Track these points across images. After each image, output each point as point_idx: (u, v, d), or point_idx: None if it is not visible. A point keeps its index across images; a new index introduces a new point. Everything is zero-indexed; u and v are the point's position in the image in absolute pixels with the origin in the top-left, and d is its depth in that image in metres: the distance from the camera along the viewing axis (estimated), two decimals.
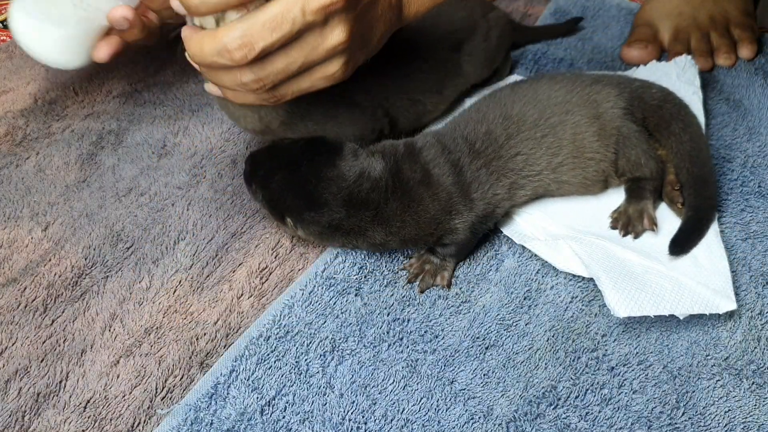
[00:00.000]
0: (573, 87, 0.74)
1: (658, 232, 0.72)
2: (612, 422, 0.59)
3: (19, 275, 0.71)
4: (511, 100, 0.73)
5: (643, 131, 0.74)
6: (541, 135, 0.70)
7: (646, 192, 0.73)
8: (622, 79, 0.78)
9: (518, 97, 0.73)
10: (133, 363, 0.64)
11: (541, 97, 0.73)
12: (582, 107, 0.72)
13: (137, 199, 0.80)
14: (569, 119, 0.71)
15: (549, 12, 1.11)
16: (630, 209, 0.73)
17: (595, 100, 0.73)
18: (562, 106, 0.72)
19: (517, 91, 0.75)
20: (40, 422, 0.59)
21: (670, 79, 0.87)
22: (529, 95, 0.73)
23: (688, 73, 0.87)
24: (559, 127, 0.71)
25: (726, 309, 0.64)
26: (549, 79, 0.75)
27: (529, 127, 0.71)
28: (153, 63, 1.01)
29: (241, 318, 0.68)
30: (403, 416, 0.59)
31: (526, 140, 0.70)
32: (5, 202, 0.79)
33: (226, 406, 0.60)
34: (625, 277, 0.66)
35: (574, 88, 0.73)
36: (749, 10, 1.04)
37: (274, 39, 0.56)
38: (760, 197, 0.78)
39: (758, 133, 0.87)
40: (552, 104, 0.72)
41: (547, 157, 0.70)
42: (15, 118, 0.91)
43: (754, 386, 0.62)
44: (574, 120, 0.71)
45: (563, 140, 0.71)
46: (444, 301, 0.68)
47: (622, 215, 0.73)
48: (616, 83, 0.75)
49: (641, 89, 0.76)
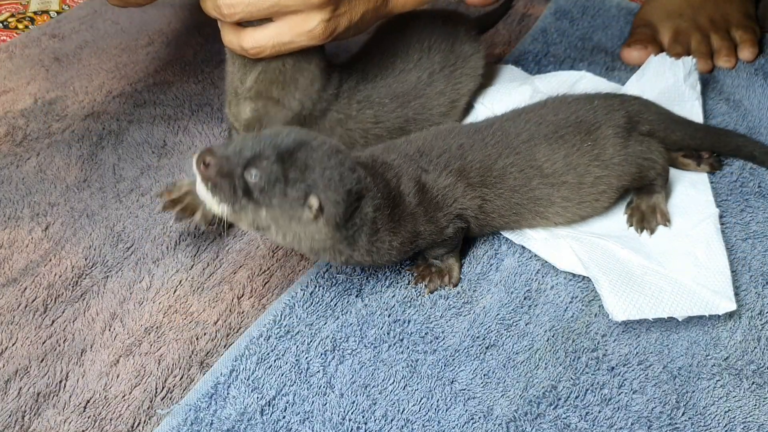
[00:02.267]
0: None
1: (671, 226, 0.72)
2: (612, 422, 0.59)
3: (20, 275, 0.71)
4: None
5: (646, 141, 0.74)
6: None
7: (656, 186, 0.74)
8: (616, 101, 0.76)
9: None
10: (133, 363, 0.64)
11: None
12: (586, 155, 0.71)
13: (138, 199, 0.80)
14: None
15: (549, 12, 1.11)
16: (642, 205, 0.74)
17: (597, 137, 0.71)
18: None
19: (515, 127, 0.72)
20: (40, 422, 0.59)
21: (677, 79, 0.86)
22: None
23: (692, 78, 0.88)
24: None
25: (725, 310, 0.64)
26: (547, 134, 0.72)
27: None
28: (153, 63, 1.01)
29: (242, 318, 0.68)
30: (404, 416, 0.59)
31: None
32: (5, 202, 0.79)
33: (226, 406, 0.60)
34: (624, 278, 0.66)
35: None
36: (750, 12, 1.04)
37: (258, 8, 0.62)
38: (760, 197, 0.78)
39: (758, 133, 0.87)
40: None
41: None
42: (15, 118, 0.91)
43: (754, 386, 0.62)
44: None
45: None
46: (445, 302, 0.68)
47: (635, 211, 0.74)
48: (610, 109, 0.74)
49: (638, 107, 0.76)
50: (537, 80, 0.91)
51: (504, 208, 0.69)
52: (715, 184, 0.79)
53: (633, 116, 0.74)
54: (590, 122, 0.71)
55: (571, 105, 0.73)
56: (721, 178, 0.80)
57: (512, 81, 0.92)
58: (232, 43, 0.69)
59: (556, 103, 0.74)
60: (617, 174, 0.71)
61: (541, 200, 0.70)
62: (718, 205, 0.76)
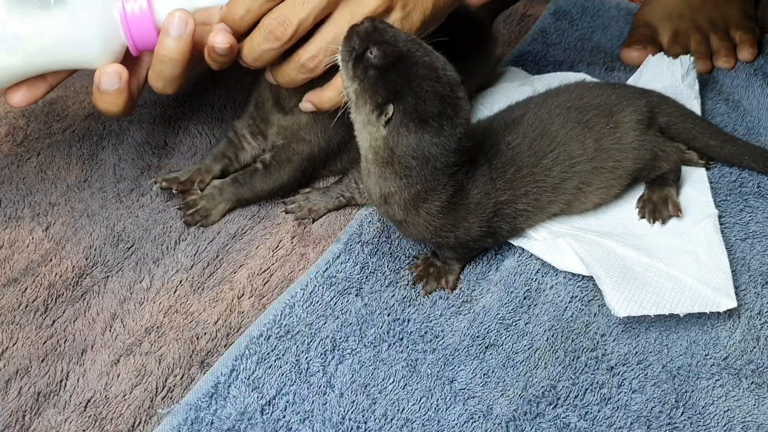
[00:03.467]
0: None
1: (683, 217, 0.73)
2: (611, 422, 0.59)
3: (20, 275, 0.71)
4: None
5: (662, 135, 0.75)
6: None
7: (668, 180, 0.74)
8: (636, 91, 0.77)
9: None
10: (133, 362, 0.64)
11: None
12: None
13: (138, 199, 0.80)
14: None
15: (549, 12, 1.11)
16: (654, 196, 0.74)
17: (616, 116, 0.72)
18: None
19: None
20: (40, 422, 0.59)
21: (675, 78, 0.87)
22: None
23: (690, 77, 0.88)
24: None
25: (726, 307, 0.64)
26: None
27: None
28: None
29: (242, 318, 0.68)
30: (403, 415, 0.60)
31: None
32: (6, 202, 0.79)
33: (226, 405, 0.60)
34: (625, 275, 0.66)
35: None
36: (749, 12, 1.04)
37: (307, 11, 0.62)
38: (759, 197, 0.78)
39: (757, 133, 0.87)
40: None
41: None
42: (16, 118, 0.91)
43: (753, 386, 0.62)
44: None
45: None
46: (444, 301, 0.68)
47: (647, 203, 0.74)
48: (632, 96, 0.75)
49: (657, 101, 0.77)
50: (536, 81, 0.91)
51: (538, 204, 0.69)
52: (715, 184, 0.79)
53: (654, 106, 0.75)
54: (613, 104, 0.72)
55: (593, 89, 0.74)
56: (721, 178, 0.80)
57: (512, 81, 0.92)
58: (323, 103, 0.69)
59: (579, 88, 0.75)
60: (633, 158, 0.71)
61: (570, 189, 0.70)
62: (718, 205, 0.76)
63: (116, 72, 0.65)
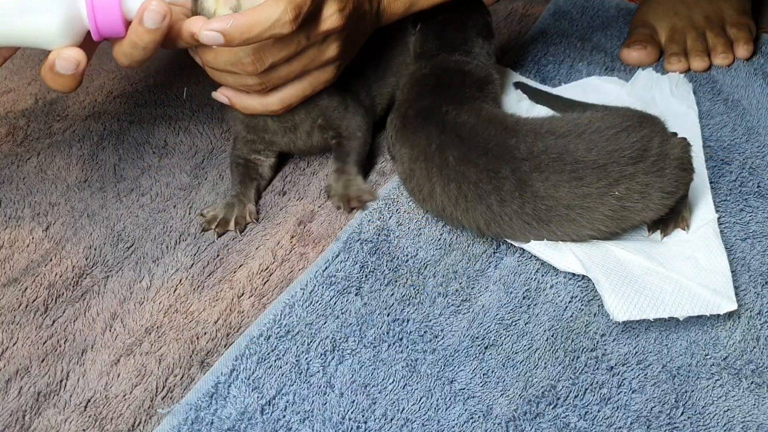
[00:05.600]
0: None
1: (688, 230, 0.72)
2: (611, 422, 0.59)
3: (20, 275, 0.71)
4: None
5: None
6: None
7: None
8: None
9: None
10: (133, 362, 0.64)
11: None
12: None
13: (138, 199, 0.80)
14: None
15: (548, 13, 1.11)
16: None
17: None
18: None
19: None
20: (40, 422, 0.59)
21: (663, 94, 0.90)
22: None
23: (681, 89, 0.89)
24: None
25: (726, 309, 0.64)
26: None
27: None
28: (153, 63, 1.01)
29: (242, 317, 0.68)
30: (403, 415, 0.60)
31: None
32: (6, 202, 0.79)
33: (226, 405, 0.60)
34: (625, 279, 0.66)
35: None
36: (746, 9, 1.04)
37: (282, 55, 0.68)
38: (759, 197, 0.78)
39: (757, 133, 0.87)
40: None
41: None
42: (16, 118, 0.91)
43: (753, 386, 0.62)
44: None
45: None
46: (443, 300, 0.68)
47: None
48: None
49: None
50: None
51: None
52: (715, 184, 0.79)
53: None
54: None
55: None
56: (720, 178, 0.80)
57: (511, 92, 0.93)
58: (255, 108, 0.74)
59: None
60: None
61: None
62: (717, 205, 0.76)
63: (75, 59, 0.61)
